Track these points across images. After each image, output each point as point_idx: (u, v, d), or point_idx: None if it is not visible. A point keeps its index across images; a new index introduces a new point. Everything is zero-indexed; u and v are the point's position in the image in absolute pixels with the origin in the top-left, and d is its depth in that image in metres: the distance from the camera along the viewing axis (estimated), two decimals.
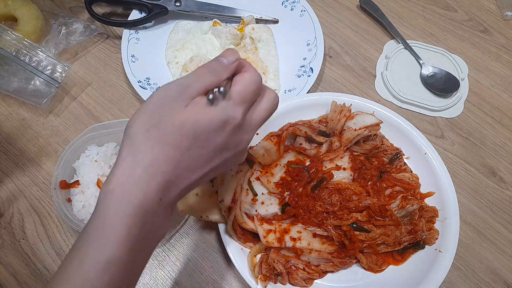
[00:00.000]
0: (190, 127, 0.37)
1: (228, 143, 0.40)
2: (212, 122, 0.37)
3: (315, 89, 0.77)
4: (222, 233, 0.59)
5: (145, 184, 0.35)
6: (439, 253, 0.58)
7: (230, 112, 0.38)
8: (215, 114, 0.37)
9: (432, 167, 0.64)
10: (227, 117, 0.38)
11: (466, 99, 0.77)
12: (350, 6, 0.87)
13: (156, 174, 0.36)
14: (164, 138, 0.36)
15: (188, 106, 0.37)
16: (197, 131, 0.37)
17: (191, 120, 0.37)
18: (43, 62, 0.73)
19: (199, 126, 0.37)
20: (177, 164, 0.37)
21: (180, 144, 0.37)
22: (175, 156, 0.37)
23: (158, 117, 0.37)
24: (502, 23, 0.86)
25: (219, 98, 0.38)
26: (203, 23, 0.81)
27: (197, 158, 0.38)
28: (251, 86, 0.40)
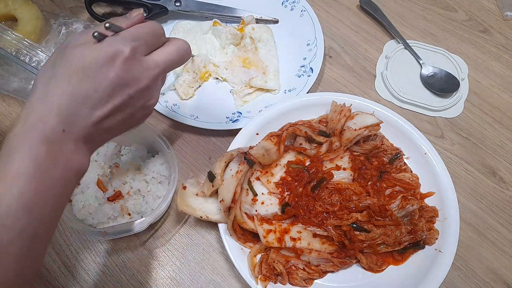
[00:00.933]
0: (77, 61, 0.39)
1: (123, 78, 0.41)
2: (99, 55, 0.40)
3: (315, 89, 0.77)
4: (222, 233, 0.59)
5: (43, 113, 0.38)
6: (439, 253, 0.58)
7: (116, 46, 0.40)
8: (100, 48, 0.40)
9: (432, 167, 0.64)
10: (114, 51, 0.40)
11: (466, 99, 0.77)
12: (350, 6, 0.87)
13: (51, 105, 0.39)
14: (56, 74, 0.40)
15: (80, 45, 0.40)
16: (85, 65, 0.39)
17: (77, 55, 0.40)
18: (43, 62, 0.72)
19: (86, 59, 0.39)
20: (72, 96, 0.39)
21: (70, 78, 0.39)
22: (67, 89, 0.39)
23: (55, 59, 0.41)
24: (502, 23, 0.86)
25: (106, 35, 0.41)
26: (203, 23, 0.81)
27: (93, 91, 0.40)
28: (144, 28, 0.43)
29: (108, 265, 0.62)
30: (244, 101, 0.74)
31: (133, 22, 0.43)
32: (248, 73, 0.76)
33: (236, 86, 0.75)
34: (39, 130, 0.38)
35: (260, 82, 0.74)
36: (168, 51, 0.45)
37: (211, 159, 0.70)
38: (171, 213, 0.65)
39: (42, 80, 0.40)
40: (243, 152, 0.61)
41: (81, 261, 0.62)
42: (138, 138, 0.66)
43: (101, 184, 0.61)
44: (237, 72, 0.77)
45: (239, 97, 0.74)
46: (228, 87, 0.76)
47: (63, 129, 0.39)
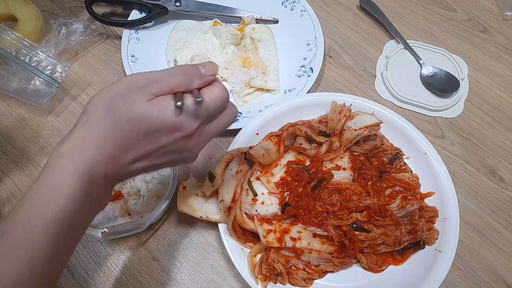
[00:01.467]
0: (144, 123, 0.38)
1: (177, 147, 0.42)
2: (168, 125, 0.39)
3: (315, 89, 0.77)
4: (222, 233, 0.59)
5: (94, 155, 0.38)
6: (439, 253, 0.58)
7: (186, 122, 0.40)
8: (172, 119, 0.39)
9: (432, 167, 0.64)
10: (182, 126, 0.40)
11: (466, 99, 0.77)
12: (350, 6, 0.87)
13: (104, 150, 0.38)
14: (119, 124, 0.38)
15: (150, 102, 0.38)
16: (151, 129, 0.39)
17: (147, 117, 0.38)
18: (43, 62, 0.73)
19: (153, 125, 0.39)
20: (124, 149, 0.39)
21: (131, 134, 0.39)
22: (123, 142, 0.39)
23: (118, 103, 0.38)
24: (502, 23, 0.86)
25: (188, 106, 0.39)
26: (204, 23, 0.81)
27: (144, 150, 0.40)
28: (217, 102, 0.41)
29: (108, 265, 0.62)
30: (244, 101, 0.74)
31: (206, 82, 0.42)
32: (248, 73, 0.76)
33: (236, 86, 0.75)
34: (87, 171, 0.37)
35: (260, 82, 0.74)
36: (225, 122, 0.45)
37: (211, 159, 0.70)
38: (171, 213, 0.65)
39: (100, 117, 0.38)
40: (243, 152, 0.61)
41: (81, 261, 0.62)
42: None
43: None
44: (237, 72, 0.77)
45: (239, 97, 0.74)
46: (228, 87, 0.76)
47: (105, 174, 0.39)
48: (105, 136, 0.38)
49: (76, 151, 0.38)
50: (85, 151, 0.38)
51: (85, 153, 0.37)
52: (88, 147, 0.38)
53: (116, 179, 0.42)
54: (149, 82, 0.39)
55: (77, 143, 0.38)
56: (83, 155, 0.37)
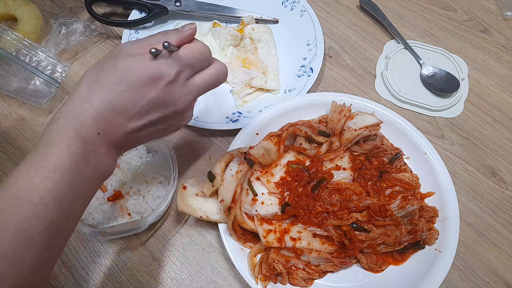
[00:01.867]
0: (124, 73, 0.41)
1: (163, 99, 0.43)
2: (145, 73, 0.41)
3: (315, 89, 0.77)
4: (222, 233, 0.59)
5: (82, 114, 0.40)
6: (439, 253, 0.58)
7: (164, 68, 0.42)
8: (149, 67, 0.41)
9: (432, 167, 0.64)
10: (160, 73, 0.42)
11: (466, 99, 0.77)
12: (350, 6, 0.87)
13: (90, 108, 0.41)
14: (102, 80, 0.41)
15: (131, 57, 0.42)
16: (130, 79, 0.41)
17: (126, 67, 0.41)
18: (43, 62, 0.73)
19: (132, 74, 0.41)
20: (110, 105, 0.41)
21: (113, 87, 0.41)
22: (107, 97, 0.41)
23: (104, 63, 0.42)
24: (502, 23, 0.86)
25: (163, 54, 0.42)
26: (203, 25, 0.80)
27: (131, 105, 0.42)
28: (194, 51, 0.44)
29: (108, 265, 0.62)
30: (244, 101, 0.74)
31: (184, 38, 0.45)
32: (248, 73, 0.76)
33: (236, 86, 0.75)
34: (77, 128, 0.40)
35: (260, 82, 0.74)
36: (209, 74, 0.46)
37: (211, 159, 0.70)
38: (171, 213, 0.65)
39: (87, 80, 0.42)
40: (243, 152, 0.61)
41: (81, 261, 0.62)
42: None
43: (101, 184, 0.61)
44: (237, 73, 0.76)
45: (239, 97, 0.74)
46: (228, 87, 0.76)
47: (98, 132, 0.41)
48: (89, 94, 0.41)
49: (66, 113, 0.41)
50: (73, 112, 0.41)
51: (73, 113, 0.40)
52: (76, 107, 0.41)
53: (113, 141, 0.43)
54: (130, 43, 0.44)
55: (67, 106, 0.41)
56: (72, 115, 0.40)
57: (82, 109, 0.40)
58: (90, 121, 0.40)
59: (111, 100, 0.41)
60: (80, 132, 0.40)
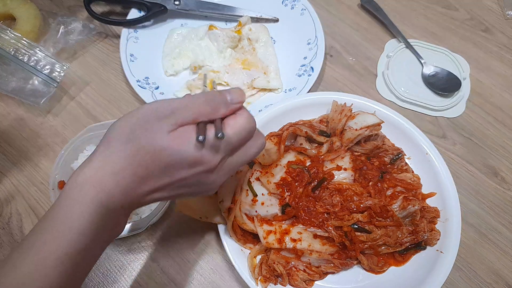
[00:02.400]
0: (165, 157, 0.37)
1: (198, 181, 0.41)
2: (187, 159, 0.38)
3: (316, 88, 0.77)
4: (222, 234, 0.58)
5: (110, 188, 0.37)
6: (441, 254, 0.58)
7: (208, 156, 0.38)
8: (193, 154, 0.37)
9: (433, 167, 0.64)
10: (203, 160, 0.38)
11: (468, 99, 0.77)
12: (351, 5, 0.87)
13: (121, 182, 0.37)
14: (137, 155, 0.37)
15: (171, 134, 0.37)
16: (170, 163, 0.38)
17: (168, 151, 0.37)
18: (41, 61, 0.72)
19: (174, 159, 0.37)
20: (142, 181, 0.38)
21: (150, 167, 0.38)
22: (142, 174, 0.38)
23: (139, 132, 0.37)
24: (504, 22, 0.85)
25: (209, 140, 0.37)
26: (198, 29, 0.79)
27: (163, 183, 0.39)
28: (242, 133, 0.39)
29: (107, 266, 0.61)
30: (248, 103, 0.73)
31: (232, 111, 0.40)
32: (249, 75, 0.76)
33: None
34: (103, 203, 0.37)
35: (263, 83, 0.74)
36: (249, 154, 0.42)
37: None
38: (170, 214, 0.65)
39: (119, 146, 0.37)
40: None
41: None
42: None
43: None
44: (238, 75, 0.76)
45: None
46: (228, 87, 0.76)
47: (122, 206, 0.39)
48: (123, 166, 0.37)
49: (93, 182, 0.37)
50: (101, 182, 0.37)
51: (101, 185, 0.37)
52: (105, 178, 0.37)
53: (131, 209, 0.41)
54: (172, 110, 0.37)
55: (94, 173, 0.37)
56: (99, 187, 0.36)
57: (112, 183, 0.37)
58: (119, 195, 0.38)
59: (144, 178, 0.38)
60: (103, 207, 0.37)
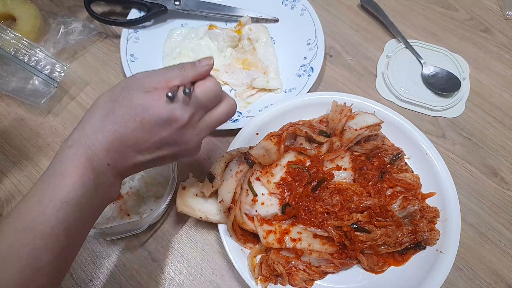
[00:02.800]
0: (139, 111, 0.41)
1: (175, 139, 0.44)
2: (160, 115, 0.42)
3: (316, 88, 0.77)
4: (222, 234, 0.58)
5: (95, 145, 0.41)
6: (440, 253, 0.58)
7: (178, 112, 0.42)
8: (164, 109, 0.42)
9: (433, 167, 0.64)
10: (175, 116, 0.42)
11: (468, 99, 0.77)
12: (351, 5, 0.87)
13: (102, 139, 0.41)
14: (116, 113, 0.42)
15: (146, 93, 0.42)
16: (145, 118, 0.41)
17: (142, 106, 0.41)
18: (41, 61, 0.72)
19: (148, 114, 0.41)
20: (123, 138, 0.42)
21: (128, 123, 0.42)
22: (122, 131, 0.42)
23: (118, 95, 0.42)
24: (504, 22, 0.86)
25: (178, 97, 0.42)
26: (198, 29, 0.80)
27: (143, 141, 0.43)
28: (209, 93, 0.44)
29: (107, 266, 0.61)
30: (247, 103, 0.73)
31: (201, 74, 0.44)
32: (249, 74, 0.76)
33: (238, 88, 0.75)
34: (90, 158, 0.41)
35: (263, 83, 0.74)
36: (220, 113, 0.46)
37: (211, 159, 0.70)
38: (170, 213, 0.65)
39: (100, 110, 0.42)
40: (243, 152, 0.60)
41: (80, 262, 0.61)
42: None
43: None
44: (237, 75, 0.76)
45: (242, 99, 0.74)
46: (228, 88, 0.76)
47: (108, 163, 0.42)
48: (103, 126, 0.41)
49: (79, 141, 0.41)
50: (86, 141, 0.41)
51: (86, 143, 0.41)
52: (89, 137, 0.41)
53: (120, 171, 0.44)
54: (147, 74, 0.43)
55: (80, 134, 0.42)
56: (85, 145, 0.41)
57: (95, 140, 0.41)
58: (102, 152, 0.41)
59: (123, 135, 0.42)
60: (92, 163, 0.41)
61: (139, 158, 0.44)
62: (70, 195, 0.39)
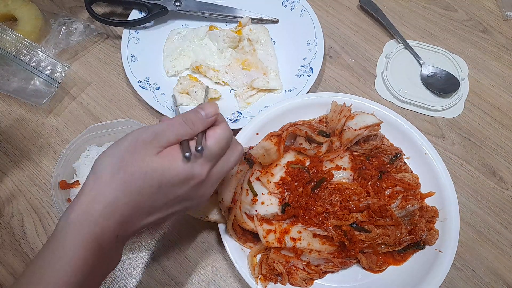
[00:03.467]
0: (157, 177, 0.39)
1: (190, 195, 0.42)
2: (179, 176, 0.40)
3: (315, 89, 0.77)
4: (222, 233, 0.58)
5: (103, 221, 0.37)
6: (439, 253, 0.58)
7: (197, 169, 0.41)
8: (183, 169, 0.40)
9: (432, 167, 0.64)
10: (193, 174, 0.40)
11: (466, 99, 0.77)
12: (350, 6, 0.87)
13: (115, 213, 0.38)
14: (130, 182, 0.38)
15: (159, 155, 0.39)
16: (163, 182, 0.39)
17: (158, 170, 0.39)
18: (43, 62, 0.73)
19: (165, 177, 0.39)
20: (137, 207, 0.39)
21: (143, 190, 0.39)
22: (136, 200, 0.39)
23: (127, 161, 0.38)
24: (502, 23, 0.86)
25: (196, 156, 0.40)
26: (199, 29, 0.80)
27: (157, 204, 0.41)
28: (221, 142, 0.42)
29: None
30: (247, 103, 0.74)
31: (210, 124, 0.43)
32: (249, 75, 0.76)
33: (238, 89, 0.75)
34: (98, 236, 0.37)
35: (263, 83, 0.74)
36: (231, 162, 0.45)
37: None
38: None
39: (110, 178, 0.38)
40: None
41: None
42: None
43: None
44: (237, 75, 0.76)
45: (242, 99, 0.74)
46: (228, 87, 0.76)
47: (117, 235, 0.39)
48: (116, 199, 0.38)
49: (85, 219, 0.37)
50: (94, 219, 0.37)
51: (94, 221, 0.37)
52: (98, 214, 0.37)
53: (127, 237, 0.42)
54: (154, 135, 0.40)
55: (86, 210, 0.37)
56: (92, 223, 0.37)
57: (106, 213, 0.37)
58: (112, 227, 0.38)
59: (138, 202, 0.39)
60: (97, 240, 0.37)
61: (149, 219, 0.42)
62: (71, 280, 0.36)
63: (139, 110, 0.74)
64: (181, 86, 0.73)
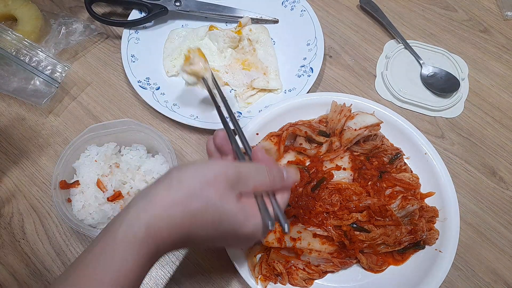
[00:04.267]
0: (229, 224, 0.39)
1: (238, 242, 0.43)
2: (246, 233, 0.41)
3: (315, 89, 0.77)
4: None
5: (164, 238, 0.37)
6: (439, 253, 0.58)
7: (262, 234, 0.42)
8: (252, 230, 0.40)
9: (432, 167, 0.64)
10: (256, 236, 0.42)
11: (466, 99, 0.77)
12: (350, 6, 0.87)
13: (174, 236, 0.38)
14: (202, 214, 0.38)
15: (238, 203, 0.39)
16: (231, 232, 0.40)
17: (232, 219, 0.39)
18: (43, 62, 0.73)
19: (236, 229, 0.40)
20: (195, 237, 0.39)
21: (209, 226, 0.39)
22: (199, 231, 0.39)
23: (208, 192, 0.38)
24: (502, 23, 0.86)
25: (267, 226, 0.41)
26: (199, 29, 0.80)
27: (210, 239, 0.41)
28: (285, 204, 0.45)
29: None
30: (248, 103, 0.74)
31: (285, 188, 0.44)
32: (249, 75, 0.76)
33: (238, 89, 0.75)
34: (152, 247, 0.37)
35: (263, 83, 0.74)
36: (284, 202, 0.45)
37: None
38: None
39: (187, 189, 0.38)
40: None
41: None
42: (138, 138, 0.65)
43: (101, 184, 0.61)
44: (238, 75, 0.76)
45: (242, 99, 0.74)
46: (227, 87, 0.76)
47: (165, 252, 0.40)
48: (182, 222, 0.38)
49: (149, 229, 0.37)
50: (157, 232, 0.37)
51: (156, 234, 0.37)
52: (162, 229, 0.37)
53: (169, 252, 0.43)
54: (239, 178, 0.40)
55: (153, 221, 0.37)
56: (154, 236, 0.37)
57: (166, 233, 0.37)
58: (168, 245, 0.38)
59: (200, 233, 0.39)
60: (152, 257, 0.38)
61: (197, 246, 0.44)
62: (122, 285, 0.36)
63: (139, 110, 0.74)
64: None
